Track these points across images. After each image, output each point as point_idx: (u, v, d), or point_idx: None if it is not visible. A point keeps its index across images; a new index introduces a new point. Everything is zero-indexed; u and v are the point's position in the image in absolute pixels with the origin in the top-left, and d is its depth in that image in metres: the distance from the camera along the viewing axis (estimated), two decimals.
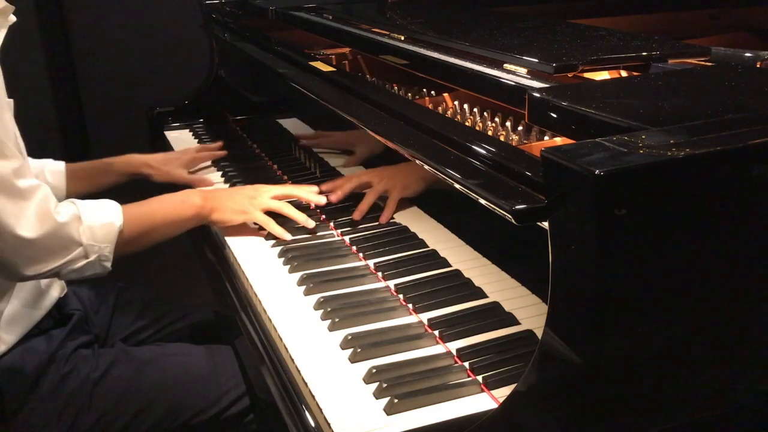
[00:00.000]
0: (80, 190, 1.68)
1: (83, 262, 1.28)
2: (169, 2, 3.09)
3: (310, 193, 1.48)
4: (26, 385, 1.32)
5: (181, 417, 1.38)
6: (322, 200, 1.47)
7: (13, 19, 1.35)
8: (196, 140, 2.17)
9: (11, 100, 1.42)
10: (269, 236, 1.42)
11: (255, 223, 1.45)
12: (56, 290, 1.46)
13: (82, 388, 1.34)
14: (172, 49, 3.12)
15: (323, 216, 1.50)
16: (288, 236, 1.41)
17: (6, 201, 1.18)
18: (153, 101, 2.37)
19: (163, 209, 1.42)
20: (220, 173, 1.84)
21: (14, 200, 1.19)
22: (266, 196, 1.44)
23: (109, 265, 1.32)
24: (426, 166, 1.06)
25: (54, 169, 1.66)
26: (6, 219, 1.18)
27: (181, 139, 2.20)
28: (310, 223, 1.43)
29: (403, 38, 1.46)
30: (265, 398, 1.09)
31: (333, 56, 1.77)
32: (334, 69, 1.56)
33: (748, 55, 1.14)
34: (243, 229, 1.46)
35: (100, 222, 1.29)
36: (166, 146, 2.16)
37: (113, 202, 1.34)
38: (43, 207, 1.22)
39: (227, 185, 1.75)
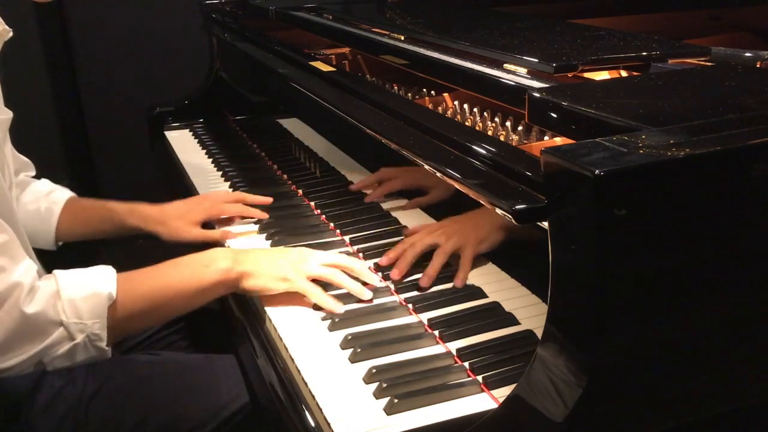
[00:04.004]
0: (73, 229, 1.52)
1: (68, 344, 1.07)
2: (169, 2, 3.09)
3: (363, 269, 1.22)
4: (18, 403, 1.25)
5: (179, 431, 1.33)
6: (375, 280, 1.22)
7: (9, 35, 1.34)
8: (196, 140, 2.17)
9: (10, 115, 1.34)
10: (315, 306, 1.18)
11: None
12: None
13: (77, 404, 1.27)
14: (172, 49, 3.12)
15: (332, 225, 1.50)
16: (341, 308, 1.15)
17: None
18: (153, 101, 2.37)
19: (178, 275, 1.17)
20: (220, 173, 1.84)
21: None
22: (314, 262, 1.20)
23: (104, 345, 1.10)
24: (426, 166, 1.06)
25: (56, 198, 1.53)
26: None
27: (181, 139, 2.20)
28: (366, 295, 1.18)
29: (403, 38, 1.46)
30: (266, 401, 1.09)
31: (333, 56, 1.77)
32: (334, 69, 1.56)
33: (748, 55, 1.14)
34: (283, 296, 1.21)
35: (83, 294, 1.07)
36: (166, 146, 2.17)
37: (106, 268, 1.13)
38: (10, 292, 1.03)
39: (228, 184, 1.75)
